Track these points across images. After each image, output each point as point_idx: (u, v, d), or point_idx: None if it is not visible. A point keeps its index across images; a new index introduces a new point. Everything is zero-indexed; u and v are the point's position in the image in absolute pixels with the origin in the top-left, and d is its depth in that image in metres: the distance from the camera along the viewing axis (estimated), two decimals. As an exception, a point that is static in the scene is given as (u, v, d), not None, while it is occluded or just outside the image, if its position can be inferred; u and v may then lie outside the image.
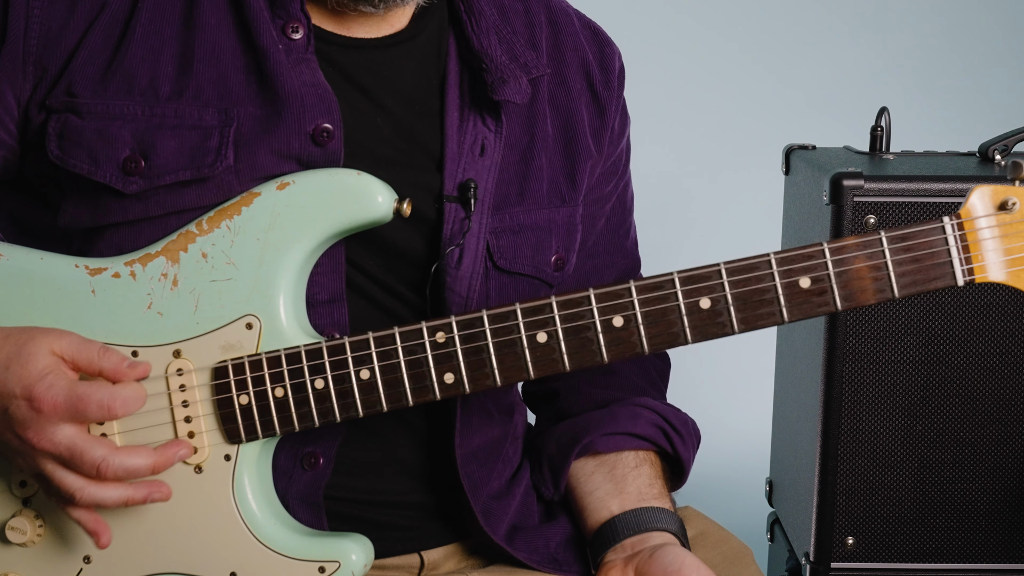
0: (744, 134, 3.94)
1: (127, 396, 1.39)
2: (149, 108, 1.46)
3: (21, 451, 1.39)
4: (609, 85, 1.73)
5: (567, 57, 1.69)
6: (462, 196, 1.56)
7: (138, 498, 1.40)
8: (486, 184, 1.59)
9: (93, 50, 1.47)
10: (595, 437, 1.66)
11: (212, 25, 1.49)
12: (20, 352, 1.37)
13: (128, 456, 1.39)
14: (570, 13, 1.74)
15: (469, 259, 1.57)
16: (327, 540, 1.47)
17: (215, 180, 1.45)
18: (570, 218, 1.68)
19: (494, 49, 1.60)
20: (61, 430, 1.36)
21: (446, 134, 1.58)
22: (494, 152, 1.60)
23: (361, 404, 1.42)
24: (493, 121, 1.60)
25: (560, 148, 1.67)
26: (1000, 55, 4.07)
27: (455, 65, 1.61)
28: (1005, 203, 1.36)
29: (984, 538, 2.43)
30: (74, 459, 1.37)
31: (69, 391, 1.36)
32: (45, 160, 1.47)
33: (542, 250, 1.65)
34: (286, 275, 1.45)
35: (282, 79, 1.47)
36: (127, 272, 1.45)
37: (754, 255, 1.38)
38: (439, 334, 1.41)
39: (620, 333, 1.39)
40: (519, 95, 1.60)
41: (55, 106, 1.46)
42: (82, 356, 1.39)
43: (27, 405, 1.35)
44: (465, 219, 1.56)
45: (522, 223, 1.63)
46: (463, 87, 1.61)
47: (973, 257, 1.36)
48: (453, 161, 1.57)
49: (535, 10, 1.70)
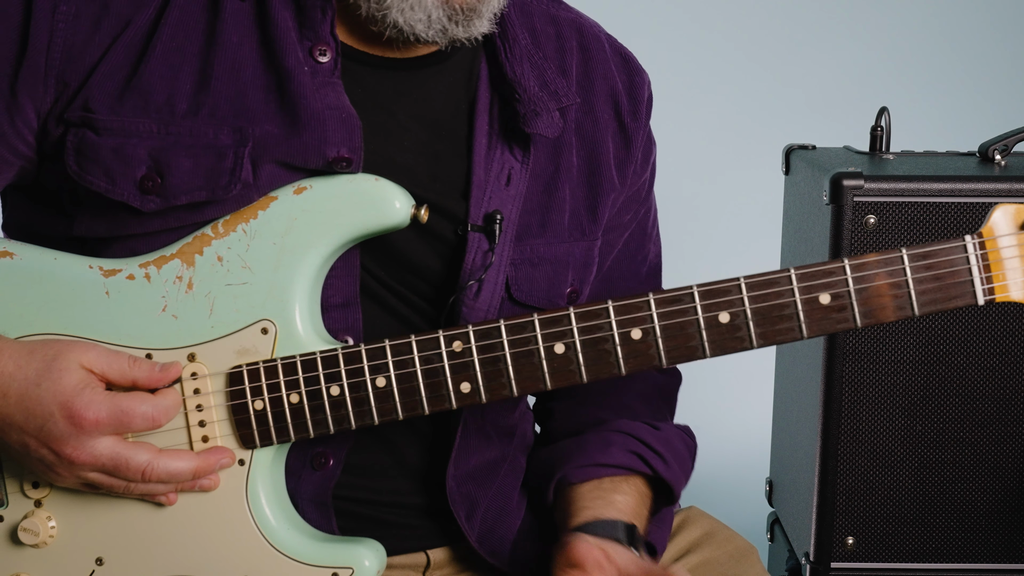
0: (744, 134, 3.94)
1: (168, 405, 1.41)
2: (165, 126, 1.44)
3: (56, 466, 1.39)
4: (637, 115, 1.70)
5: (596, 86, 1.66)
6: (487, 227, 1.55)
7: (188, 486, 1.43)
8: (510, 215, 1.57)
9: (113, 66, 1.45)
10: (568, 470, 1.63)
11: (234, 42, 1.47)
12: (50, 368, 1.37)
13: (172, 460, 1.41)
14: (602, 39, 1.71)
15: (488, 292, 1.55)
16: (340, 545, 1.47)
17: (232, 200, 1.44)
18: (587, 252, 1.66)
19: (527, 78, 1.57)
20: (101, 442, 1.38)
21: (473, 160, 1.56)
22: (520, 183, 1.58)
23: (377, 412, 1.42)
24: (521, 152, 1.58)
25: (584, 179, 1.64)
26: (1000, 55, 4.08)
27: (486, 90, 1.59)
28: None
29: (984, 538, 2.44)
30: (119, 469, 1.39)
31: (112, 406, 1.37)
32: (62, 172, 1.46)
33: (557, 283, 1.63)
34: (302, 280, 1.44)
35: (305, 100, 1.45)
36: (142, 274, 1.44)
37: (774, 270, 1.38)
38: (456, 343, 1.41)
39: (638, 346, 1.39)
40: (551, 129, 1.57)
41: (73, 120, 1.44)
42: (113, 368, 1.39)
43: (66, 422, 1.36)
44: (489, 251, 1.55)
45: (541, 255, 1.61)
46: (492, 114, 1.58)
47: (995, 276, 1.36)
48: (480, 189, 1.55)
49: (566, 35, 1.66)
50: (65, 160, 1.44)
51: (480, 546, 1.62)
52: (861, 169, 2.34)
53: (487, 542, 1.64)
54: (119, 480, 1.40)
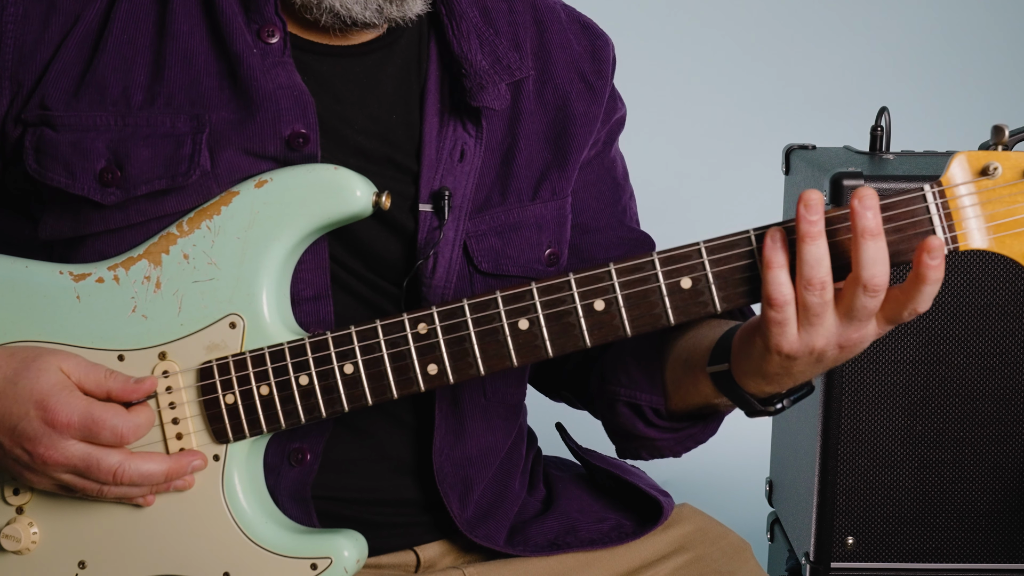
0: (744, 133, 3.94)
1: (139, 424, 1.41)
2: (122, 118, 1.46)
3: (31, 466, 1.40)
4: (602, 73, 1.70)
5: (554, 55, 1.68)
6: (436, 204, 1.56)
7: (162, 487, 1.43)
8: (464, 190, 1.58)
9: (67, 62, 1.47)
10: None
11: (184, 31, 1.49)
12: (29, 367, 1.39)
13: (144, 462, 1.41)
14: (557, 9, 1.72)
15: (443, 269, 1.56)
16: (319, 537, 1.47)
17: (192, 187, 1.46)
18: (559, 211, 1.66)
19: (474, 54, 1.59)
20: (72, 443, 1.39)
21: (424, 140, 1.57)
22: (474, 157, 1.59)
23: (346, 398, 1.42)
24: (474, 127, 1.59)
25: (550, 143, 1.65)
26: (1000, 55, 4.06)
27: (435, 70, 1.60)
28: (986, 168, 1.33)
29: (984, 538, 2.43)
30: (90, 470, 1.39)
31: (85, 411, 1.38)
32: (24, 173, 1.48)
33: (531, 247, 1.63)
34: (268, 272, 1.45)
35: (256, 83, 1.47)
36: (110, 276, 1.46)
37: (734, 232, 1.37)
38: (421, 325, 1.41)
39: (602, 317, 1.38)
40: (497, 101, 1.58)
41: (30, 119, 1.46)
42: (90, 378, 1.40)
43: (40, 420, 1.37)
44: (437, 229, 1.56)
45: (504, 223, 1.61)
46: (443, 92, 1.60)
47: (956, 225, 1.33)
48: (430, 169, 1.56)
49: (519, 9, 1.68)
50: (25, 160, 1.46)
51: (471, 530, 1.61)
52: (861, 169, 2.34)
53: (482, 526, 1.62)
54: (91, 482, 1.41)
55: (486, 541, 1.62)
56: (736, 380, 1.43)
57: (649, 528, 1.69)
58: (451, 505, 1.60)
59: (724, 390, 1.46)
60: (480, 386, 1.62)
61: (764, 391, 1.43)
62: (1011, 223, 1.33)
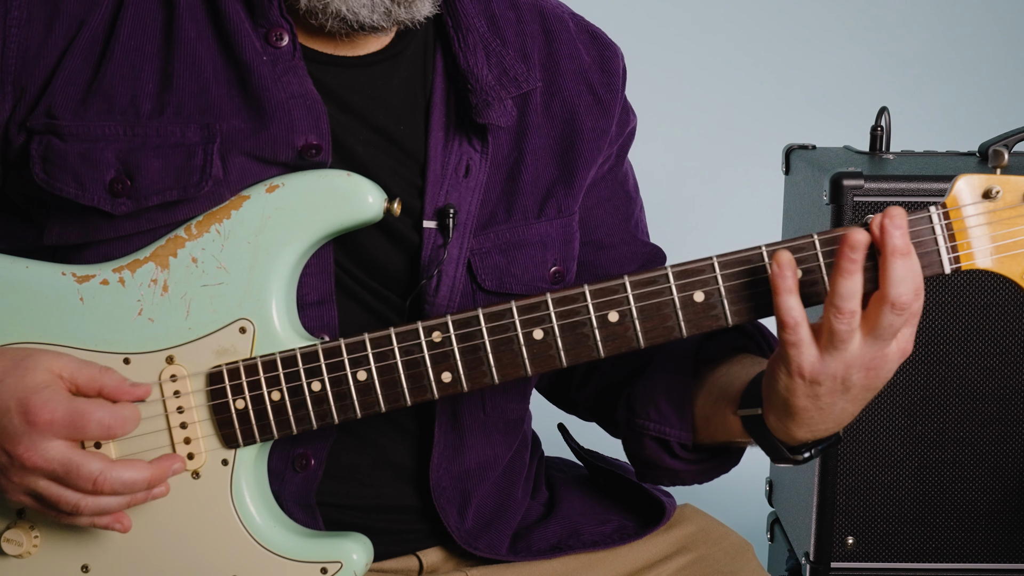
0: (744, 133, 3.93)
1: (127, 416, 1.39)
2: (131, 128, 1.44)
3: (7, 469, 1.36)
4: (612, 87, 1.68)
5: (562, 66, 1.65)
6: (440, 222, 1.54)
7: (140, 499, 1.40)
8: (469, 207, 1.56)
9: (73, 70, 1.45)
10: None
11: (192, 37, 1.47)
12: (17, 366, 1.37)
13: (124, 469, 1.38)
14: (565, 19, 1.69)
15: (446, 288, 1.55)
16: (327, 541, 1.46)
17: (204, 197, 1.44)
18: (565, 228, 1.64)
19: (480, 68, 1.56)
20: (54, 446, 1.35)
21: (429, 155, 1.55)
22: (479, 173, 1.57)
23: (359, 405, 1.42)
24: (480, 142, 1.57)
25: (556, 158, 1.63)
26: (1000, 55, 4.06)
27: (441, 83, 1.58)
28: (989, 191, 1.37)
29: (984, 538, 2.43)
30: (69, 475, 1.35)
31: (68, 406, 1.35)
32: (29, 180, 1.45)
33: (536, 266, 1.62)
34: (278, 278, 1.44)
35: (267, 92, 1.45)
36: (116, 279, 1.44)
37: (746, 248, 1.38)
38: (435, 333, 1.41)
39: (616, 328, 1.39)
40: (503, 118, 1.56)
41: (36, 128, 1.44)
42: (82, 375, 1.38)
43: (21, 418, 1.34)
44: (442, 247, 1.54)
45: (509, 241, 1.60)
46: (449, 106, 1.57)
47: (960, 245, 1.37)
48: (435, 184, 1.54)
49: (527, 19, 1.65)
50: (31, 168, 1.44)
51: (472, 542, 1.61)
52: (861, 169, 2.35)
53: (484, 537, 1.62)
54: (69, 492, 1.36)
55: (489, 552, 1.62)
56: (767, 425, 1.43)
57: (651, 528, 1.70)
58: (448, 519, 1.60)
59: (754, 434, 1.47)
60: (480, 401, 1.61)
61: (794, 436, 1.43)
62: (1011, 244, 1.38)
